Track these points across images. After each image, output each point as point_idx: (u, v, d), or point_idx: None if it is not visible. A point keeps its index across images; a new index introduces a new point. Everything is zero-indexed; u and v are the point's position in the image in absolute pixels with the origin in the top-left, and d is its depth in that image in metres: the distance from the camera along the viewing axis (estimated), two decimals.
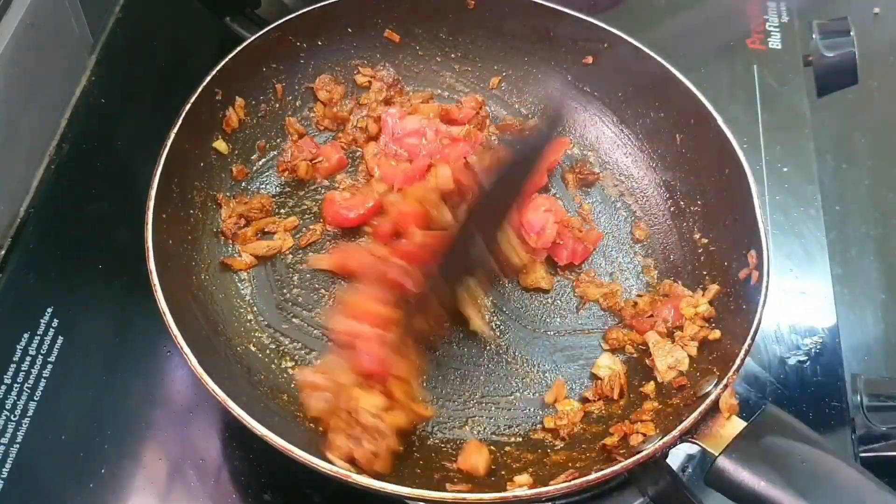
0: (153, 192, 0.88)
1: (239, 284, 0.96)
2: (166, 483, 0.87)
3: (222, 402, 0.77)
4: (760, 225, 0.90)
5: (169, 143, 0.92)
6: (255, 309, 0.94)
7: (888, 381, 0.98)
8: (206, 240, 0.96)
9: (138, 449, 0.89)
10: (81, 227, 1.04)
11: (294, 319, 0.95)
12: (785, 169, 1.14)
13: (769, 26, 1.29)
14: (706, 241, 0.98)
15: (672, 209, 1.03)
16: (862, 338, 1.04)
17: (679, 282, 0.97)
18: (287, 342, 0.93)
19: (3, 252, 1.00)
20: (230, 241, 0.98)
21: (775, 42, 1.27)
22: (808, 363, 0.99)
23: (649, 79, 1.03)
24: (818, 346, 1.00)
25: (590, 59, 1.08)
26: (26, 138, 1.04)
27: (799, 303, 1.05)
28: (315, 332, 0.94)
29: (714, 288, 0.93)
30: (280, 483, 0.88)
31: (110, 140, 1.12)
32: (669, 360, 0.89)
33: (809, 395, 0.97)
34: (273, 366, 0.91)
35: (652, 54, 1.02)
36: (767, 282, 0.86)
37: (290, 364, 0.91)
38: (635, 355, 0.93)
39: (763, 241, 0.89)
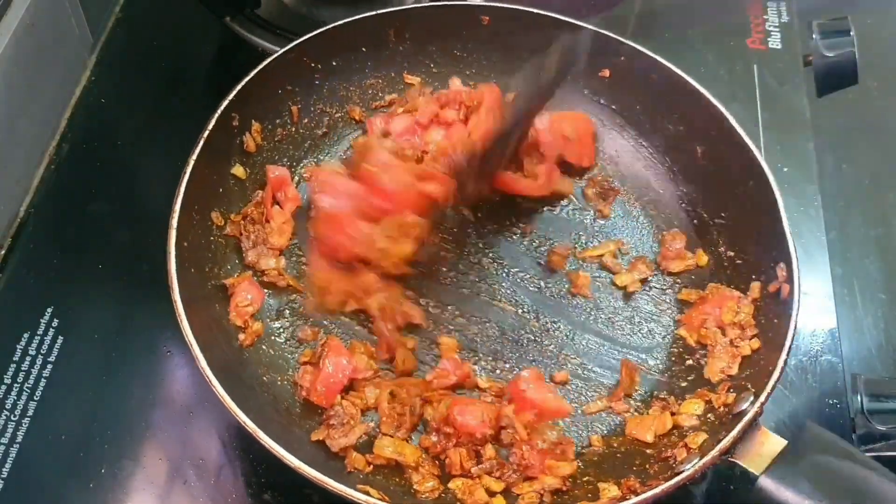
0: (174, 221, 0.87)
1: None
2: (166, 483, 0.87)
3: (252, 432, 0.76)
4: (789, 237, 0.88)
5: (188, 170, 0.91)
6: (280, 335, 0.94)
7: (888, 381, 0.98)
8: (228, 266, 0.95)
9: (138, 449, 0.89)
10: (81, 227, 1.04)
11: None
12: (785, 169, 1.14)
13: (769, 26, 1.29)
14: (732, 253, 0.97)
15: (695, 222, 1.01)
16: (862, 338, 1.04)
17: (723, 284, 0.96)
18: None
19: (3, 252, 1.00)
20: (253, 269, 0.97)
21: (775, 42, 1.27)
22: (808, 363, 0.99)
23: (668, 91, 1.02)
24: (818, 346, 1.00)
25: (607, 73, 1.07)
26: (26, 138, 1.05)
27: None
28: None
29: (746, 301, 0.92)
30: (280, 483, 0.87)
31: (110, 140, 1.12)
32: (721, 363, 0.88)
33: (809, 395, 0.97)
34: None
35: (670, 66, 1.01)
36: (799, 296, 0.85)
37: None
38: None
39: (792, 254, 0.88)
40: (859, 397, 0.95)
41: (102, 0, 1.22)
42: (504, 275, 0.99)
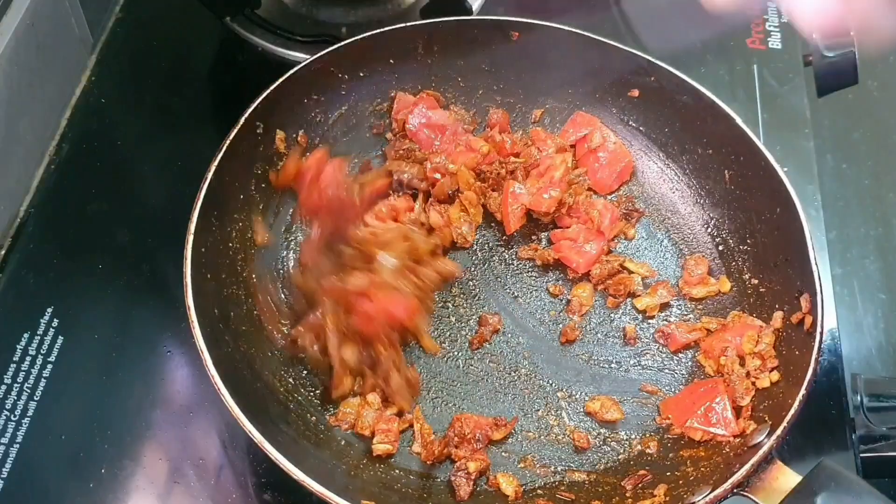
0: (192, 227, 0.86)
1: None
2: (166, 483, 0.87)
3: (259, 444, 0.76)
4: (814, 267, 0.87)
5: (209, 177, 0.90)
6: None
7: (888, 381, 0.98)
8: (245, 273, 0.95)
9: (138, 449, 0.89)
10: (81, 227, 1.04)
11: None
12: (785, 169, 1.12)
13: (769, 26, 1.29)
14: (756, 281, 0.95)
15: (720, 248, 1.00)
16: (862, 338, 1.04)
17: (745, 312, 0.94)
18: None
19: (3, 252, 1.00)
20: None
21: (775, 42, 1.27)
22: None
23: (697, 114, 1.01)
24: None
25: (636, 93, 1.05)
26: (26, 138, 1.04)
27: None
28: None
29: (768, 331, 0.91)
30: (280, 483, 0.88)
31: (110, 140, 1.12)
32: (739, 393, 0.87)
33: (809, 395, 0.97)
34: (316, 409, 0.89)
35: (700, 88, 1.00)
36: (822, 329, 0.84)
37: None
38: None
39: (817, 285, 0.86)
40: (859, 397, 0.95)
41: (102, 0, 1.22)
42: (523, 301, 0.99)
